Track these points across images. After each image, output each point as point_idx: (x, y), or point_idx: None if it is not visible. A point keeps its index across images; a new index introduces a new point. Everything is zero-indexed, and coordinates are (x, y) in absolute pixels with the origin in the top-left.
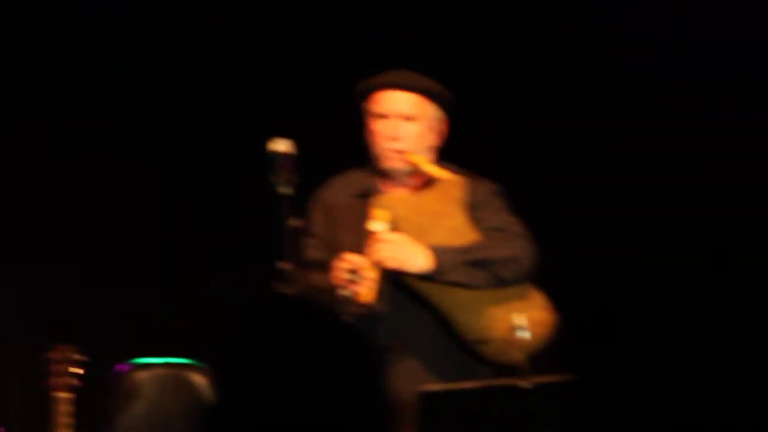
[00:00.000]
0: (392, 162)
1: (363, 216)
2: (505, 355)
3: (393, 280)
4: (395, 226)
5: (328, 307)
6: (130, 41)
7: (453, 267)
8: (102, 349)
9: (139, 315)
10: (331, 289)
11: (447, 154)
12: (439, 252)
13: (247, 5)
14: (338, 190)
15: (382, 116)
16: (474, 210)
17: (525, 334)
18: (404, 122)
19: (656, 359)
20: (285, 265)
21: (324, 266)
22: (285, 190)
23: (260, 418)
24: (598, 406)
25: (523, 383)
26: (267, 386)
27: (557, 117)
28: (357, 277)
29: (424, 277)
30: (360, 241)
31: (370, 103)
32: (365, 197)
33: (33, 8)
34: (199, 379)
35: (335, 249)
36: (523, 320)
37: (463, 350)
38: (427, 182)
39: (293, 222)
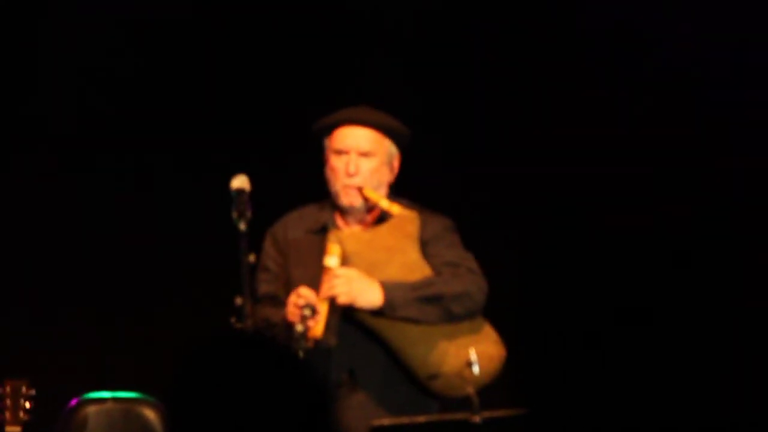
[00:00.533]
0: (349, 199)
1: (317, 251)
2: (455, 390)
3: (345, 314)
4: (348, 262)
5: (281, 343)
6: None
7: (404, 303)
8: (53, 383)
9: (90, 349)
10: (285, 324)
11: (399, 186)
12: (390, 288)
13: (208, 37)
14: (294, 225)
15: (341, 152)
16: (426, 245)
17: (476, 369)
18: (362, 158)
19: (610, 393)
20: (241, 301)
21: (276, 301)
22: (242, 226)
23: None
24: None
25: (474, 418)
26: (219, 421)
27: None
28: (311, 312)
29: (375, 313)
30: (314, 275)
31: (329, 138)
32: (321, 233)
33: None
34: (150, 414)
35: (289, 284)
36: (475, 356)
37: (414, 384)
38: (382, 218)
39: (250, 258)
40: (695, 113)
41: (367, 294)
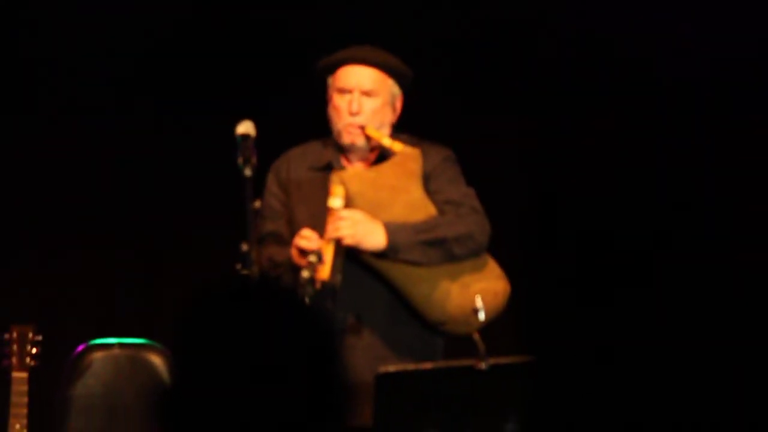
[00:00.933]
0: (351, 137)
1: (320, 189)
2: (461, 329)
3: (348, 254)
4: (352, 202)
5: (287, 287)
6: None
7: (408, 246)
8: (59, 328)
9: (97, 295)
10: (290, 265)
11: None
12: (394, 230)
13: None
14: (296, 162)
15: (343, 91)
16: (428, 180)
17: (482, 316)
18: (364, 97)
19: (620, 340)
20: (247, 247)
21: (279, 238)
22: (248, 172)
23: (219, 400)
24: (557, 388)
25: (480, 364)
26: (226, 367)
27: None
28: (317, 259)
29: (378, 254)
30: (317, 213)
31: (332, 77)
32: (324, 171)
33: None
34: (157, 360)
35: (292, 222)
36: (481, 302)
37: (419, 322)
38: (384, 155)
39: (256, 204)
40: None
41: (372, 236)
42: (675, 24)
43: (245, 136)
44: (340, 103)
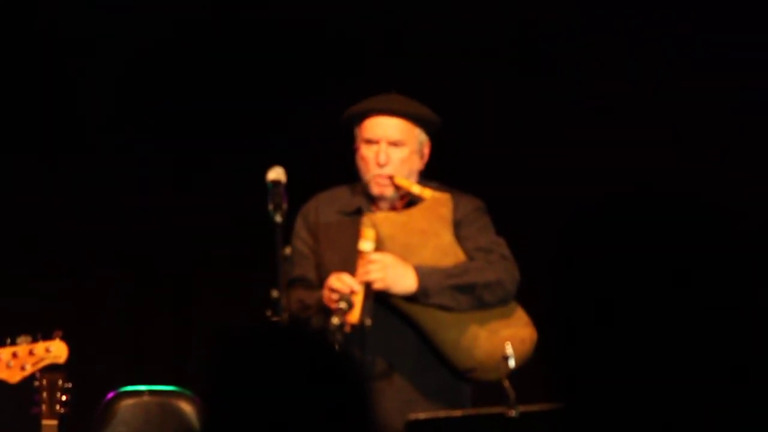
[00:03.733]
0: (380, 189)
1: (350, 234)
2: (489, 376)
3: (377, 297)
4: (382, 245)
5: (317, 333)
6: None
7: (438, 290)
8: (90, 376)
9: (127, 342)
10: (321, 308)
11: (429, 169)
12: (425, 274)
13: (237, 28)
14: (325, 206)
15: (371, 141)
16: (458, 227)
17: (512, 363)
18: (392, 147)
19: (652, 387)
20: (277, 294)
21: (309, 282)
22: (278, 218)
23: None
24: None
25: (510, 412)
26: (256, 415)
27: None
28: (347, 306)
29: (408, 298)
30: (346, 258)
31: (359, 127)
32: (354, 215)
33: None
34: (187, 408)
35: (321, 267)
36: (511, 350)
37: (446, 367)
38: (413, 201)
39: (286, 250)
40: None
41: (402, 280)
42: None
43: (276, 183)
44: (367, 154)
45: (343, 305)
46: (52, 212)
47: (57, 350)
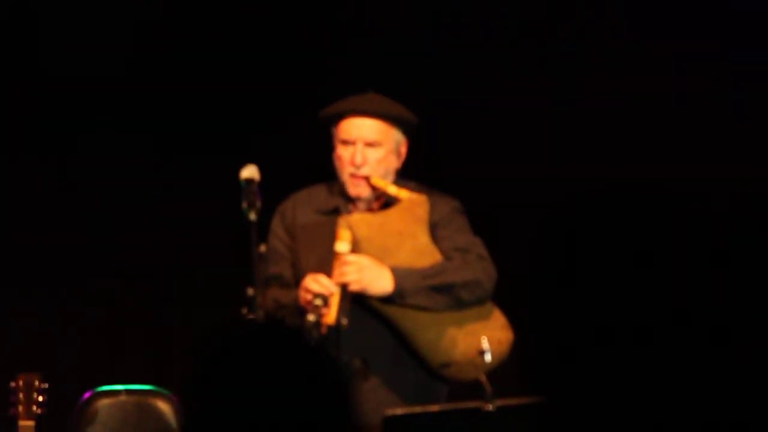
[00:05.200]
0: (357, 190)
1: (327, 234)
2: (467, 376)
3: (354, 299)
4: (359, 247)
5: (293, 331)
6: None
7: (414, 291)
8: (66, 376)
9: (103, 342)
10: (297, 307)
11: (406, 169)
12: (401, 276)
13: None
14: (303, 206)
15: (347, 142)
16: (435, 228)
17: (488, 357)
18: (368, 148)
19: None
20: (253, 292)
21: (285, 281)
22: (252, 216)
23: None
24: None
25: (487, 406)
26: (233, 413)
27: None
28: (323, 302)
29: (385, 299)
30: (323, 258)
31: (335, 128)
32: (331, 215)
33: None
34: (164, 407)
35: (297, 266)
36: (487, 344)
37: (423, 368)
38: (390, 201)
39: (261, 248)
40: None
41: (379, 282)
42: None
43: (249, 181)
44: (343, 154)
45: (318, 302)
46: (28, 213)
47: None
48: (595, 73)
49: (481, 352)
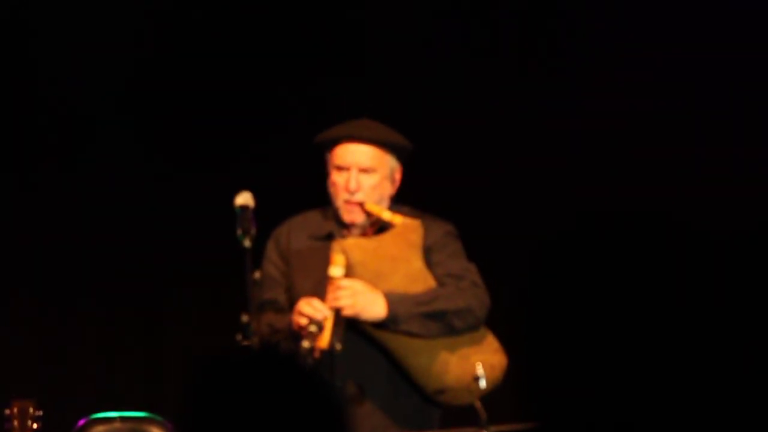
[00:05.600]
0: (352, 216)
1: (321, 259)
2: (461, 401)
3: (348, 323)
4: (352, 271)
5: (287, 356)
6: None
7: (407, 318)
8: (60, 403)
9: (97, 369)
10: (290, 332)
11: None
12: (394, 302)
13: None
14: (297, 231)
15: (341, 168)
16: (429, 252)
17: (483, 383)
18: (362, 174)
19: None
20: (247, 318)
21: (278, 306)
22: (247, 243)
23: None
24: None
25: None
26: None
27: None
28: (317, 329)
29: (378, 324)
30: (317, 283)
31: (330, 154)
32: (325, 239)
33: None
34: None
35: (291, 291)
36: (482, 370)
37: (417, 393)
38: (384, 227)
39: (256, 275)
40: None
41: (372, 307)
42: None
43: (244, 207)
44: (338, 180)
45: (313, 329)
46: (20, 234)
47: None
48: (589, 93)
49: (476, 378)
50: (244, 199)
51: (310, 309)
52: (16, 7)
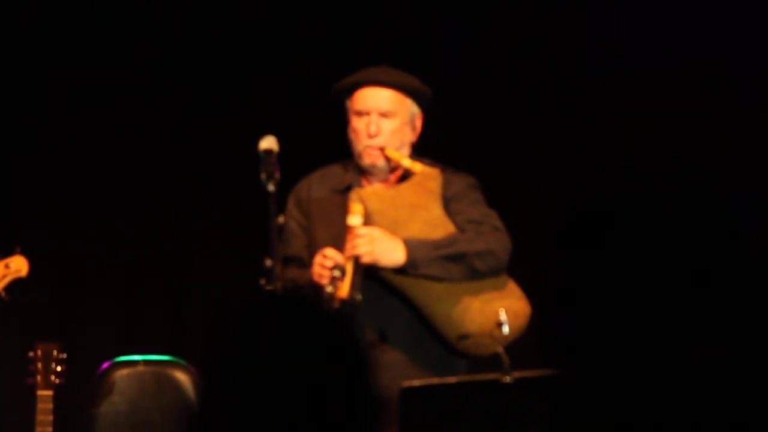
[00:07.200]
0: (371, 159)
1: (341, 210)
2: (485, 349)
3: (369, 272)
4: (371, 220)
5: (312, 302)
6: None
7: (427, 261)
8: (85, 346)
9: (121, 312)
10: (312, 286)
11: (421, 147)
12: (413, 246)
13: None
14: (317, 184)
15: (361, 113)
16: (450, 202)
17: (506, 329)
18: (382, 119)
19: (647, 352)
20: (271, 263)
21: (301, 261)
22: (271, 188)
23: (245, 416)
24: (583, 401)
25: (505, 378)
26: (252, 384)
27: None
28: (340, 273)
29: (398, 271)
30: (337, 235)
31: (350, 100)
32: (345, 192)
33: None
34: (182, 377)
35: (313, 244)
36: (505, 315)
37: (440, 342)
38: (405, 175)
39: (279, 219)
40: None
41: (390, 253)
42: None
43: (268, 152)
44: (358, 126)
45: (336, 273)
46: (43, 177)
47: (17, 264)
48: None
49: (499, 324)
50: (268, 143)
51: (328, 261)
52: None
